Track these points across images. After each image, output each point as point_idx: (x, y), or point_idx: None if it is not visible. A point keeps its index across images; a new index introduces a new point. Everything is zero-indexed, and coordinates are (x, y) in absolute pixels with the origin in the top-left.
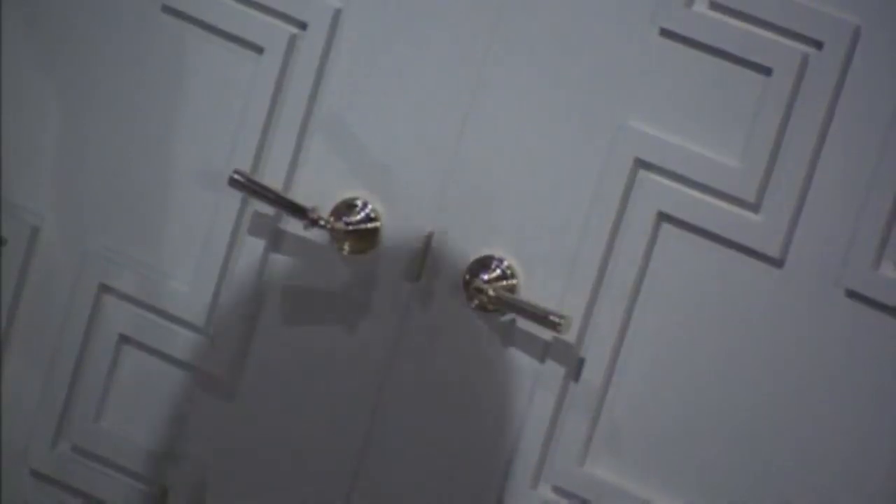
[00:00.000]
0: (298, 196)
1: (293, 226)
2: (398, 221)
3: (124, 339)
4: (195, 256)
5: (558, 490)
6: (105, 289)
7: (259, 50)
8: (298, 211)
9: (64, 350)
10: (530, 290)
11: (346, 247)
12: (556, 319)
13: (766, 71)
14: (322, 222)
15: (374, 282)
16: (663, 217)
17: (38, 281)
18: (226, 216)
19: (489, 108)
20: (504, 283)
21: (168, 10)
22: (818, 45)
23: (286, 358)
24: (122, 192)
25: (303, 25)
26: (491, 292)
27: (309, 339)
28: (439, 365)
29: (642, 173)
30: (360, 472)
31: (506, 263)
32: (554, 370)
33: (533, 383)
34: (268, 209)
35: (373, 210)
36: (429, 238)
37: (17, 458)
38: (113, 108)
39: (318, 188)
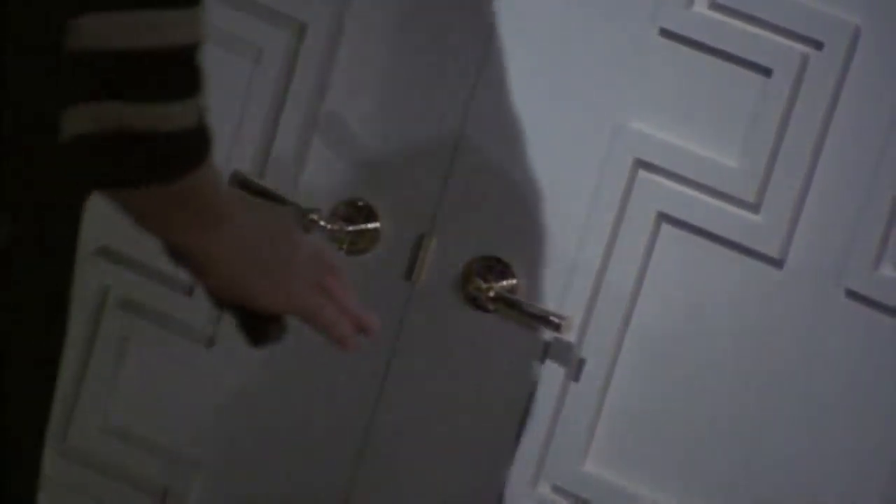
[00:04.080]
0: (298, 197)
1: None
2: (398, 221)
3: (125, 340)
4: None
5: (558, 489)
6: (106, 289)
7: (259, 51)
8: (298, 211)
9: (65, 352)
10: (530, 290)
11: (346, 247)
12: (557, 320)
13: (766, 71)
14: (322, 222)
15: (374, 282)
16: (663, 217)
17: None
18: None
19: (488, 108)
20: (504, 283)
21: None
22: (818, 45)
23: (286, 358)
24: None
25: (303, 25)
26: (491, 292)
27: (309, 339)
28: (439, 365)
29: (642, 173)
30: (360, 472)
31: (506, 263)
32: (554, 370)
33: (533, 383)
34: None
35: (373, 210)
36: (428, 238)
37: None
38: None
39: (318, 188)
